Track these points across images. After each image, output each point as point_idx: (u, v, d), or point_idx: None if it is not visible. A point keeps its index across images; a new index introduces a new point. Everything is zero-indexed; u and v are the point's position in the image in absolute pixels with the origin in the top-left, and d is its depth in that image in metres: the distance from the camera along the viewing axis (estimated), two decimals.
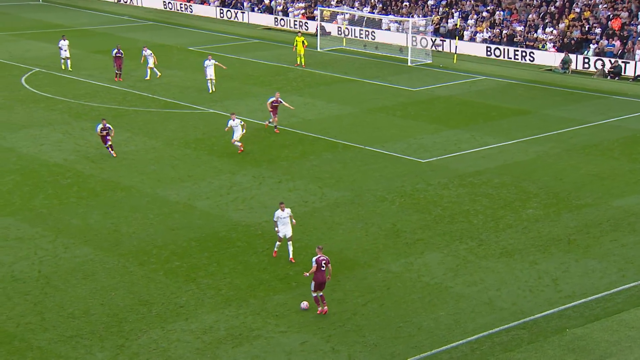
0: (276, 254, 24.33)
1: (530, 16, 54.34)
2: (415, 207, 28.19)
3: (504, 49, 52.73)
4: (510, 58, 52.30)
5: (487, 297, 22.13)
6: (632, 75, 47.31)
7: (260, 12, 66.48)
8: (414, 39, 53.03)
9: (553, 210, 27.87)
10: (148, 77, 45.89)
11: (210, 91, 42.80)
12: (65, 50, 47.73)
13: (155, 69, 46.29)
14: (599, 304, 21.73)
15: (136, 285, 22.77)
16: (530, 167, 32.24)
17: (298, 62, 49.59)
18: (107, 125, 32.88)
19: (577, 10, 53.35)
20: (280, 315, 21.20)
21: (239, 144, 33.46)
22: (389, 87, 44.40)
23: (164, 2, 72.47)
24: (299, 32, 54.10)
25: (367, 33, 57.98)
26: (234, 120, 33.42)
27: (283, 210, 23.92)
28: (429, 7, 59.07)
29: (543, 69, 49.91)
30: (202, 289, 22.57)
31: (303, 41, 49.72)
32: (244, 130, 33.44)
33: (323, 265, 21.01)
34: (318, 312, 21.23)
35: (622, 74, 47.55)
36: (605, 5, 52.62)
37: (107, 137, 32.81)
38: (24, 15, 68.01)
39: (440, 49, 54.62)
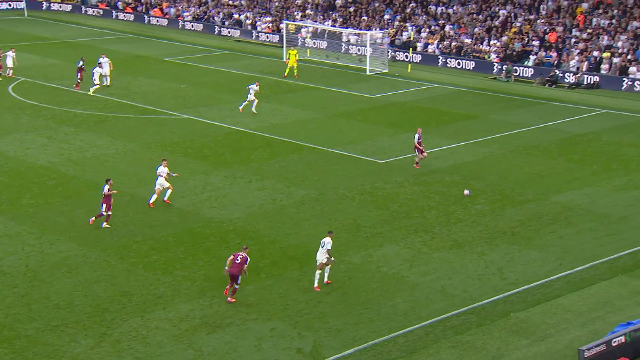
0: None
1: (476, 29, 54.77)
2: (374, 203, 28.23)
3: (454, 59, 53.05)
4: (459, 67, 52.65)
5: (440, 285, 22.23)
6: (568, 83, 47.92)
7: (231, 27, 66.13)
8: (371, 50, 53.13)
9: (498, 206, 28.09)
10: (102, 84, 44.71)
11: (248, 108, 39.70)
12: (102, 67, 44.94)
13: (108, 77, 45.16)
14: (539, 290, 21.96)
15: (117, 277, 22.50)
16: (478, 166, 32.46)
17: (286, 74, 49.02)
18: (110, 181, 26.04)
19: (518, 24, 53.90)
20: (251, 304, 21.09)
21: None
22: (350, 94, 44.46)
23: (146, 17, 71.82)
24: (292, 46, 53.73)
25: (329, 44, 58.01)
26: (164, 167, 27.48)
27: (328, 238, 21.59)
28: (385, 21, 59.26)
29: (488, 78, 50.31)
30: (178, 280, 22.37)
31: (296, 54, 49.46)
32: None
33: (238, 259, 20.83)
34: (227, 300, 20.96)
35: (559, 82, 48.15)
36: (542, 20, 53.24)
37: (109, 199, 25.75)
38: (11, 29, 66.81)
39: (396, 59, 54.78)
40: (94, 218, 26.05)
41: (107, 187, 25.72)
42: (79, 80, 44.97)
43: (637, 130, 37.85)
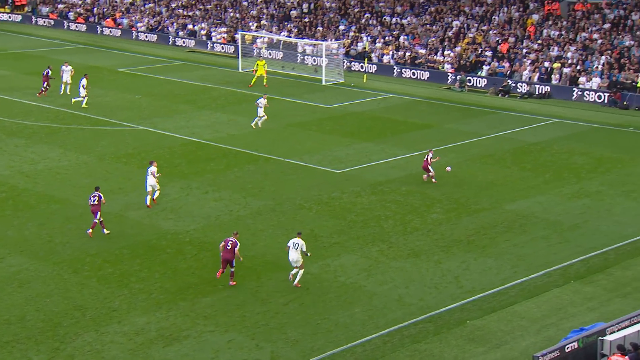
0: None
1: (430, 40, 55.43)
2: (331, 213, 28.29)
3: (408, 69, 53.59)
4: (414, 78, 53.19)
5: (397, 294, 22.36)
6: (520, 93, 48.77)
7: (185, 37, 65.81)
8: (327, 60, 53.38)
9: (454, 215, 28.39)
10: (62, 93, 44.68)
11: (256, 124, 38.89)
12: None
13: (69, 85, 44.88)
14: (495, 298, 22.23)
15: (70, 291, 22.13)
16: (434, 175, 32.73)
17: (252, 84, 48.81)
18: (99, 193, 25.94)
19: (471, 35, 54.72)
20: (208, 316, 20.93)
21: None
22: (306, 105, 44.55)
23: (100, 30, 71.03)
24: (260, 56, 53.53)
25: (285, 55, 58.11)
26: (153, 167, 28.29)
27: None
28: (340, 32, 59.62)
29: (443, 88, 50.91)
30: (134, 293, 22.09)
31: (265, 64, 49.35)
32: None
33: (229, 245, 22.07)
34: (230, 284, 22.41)
35: (511, 92, 48.97)
36: (495, 31, 54.15)
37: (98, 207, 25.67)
38: None
39: (351, 69, 55.13)
40: (90, 230, 25.72)
41: (99, 197, 25.56)
42: (43, 88, 44.68)
43: (587, 139, 38.69)
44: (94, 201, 25.74)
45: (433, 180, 31.49)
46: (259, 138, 37.90)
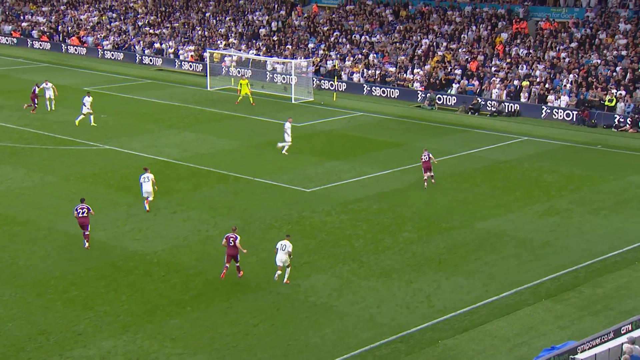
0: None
1: (399, 58, 55.95)
2: (302, 233, 28.27)
3: (378, 87, 53.99)
4: (384, 96, 53.57)
5: (369, 314, 22.36)
6: (490, 111, 49.34)
7: (152, 55, 65.65)
8: (296, 78, 53.58)
9: (425, 233, 28.52)
10: (49, 110, 45.74)
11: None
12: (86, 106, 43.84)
13: (53, 101, 45.76)
14: (466, 317, 22.32)
15: (34, 315, 21.78)
16: (405, 194, 32.93)
17: (238, 102, 48.82)
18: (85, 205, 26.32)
19: (440, 53, 55.34)
20: (177, 339, 20.74)
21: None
22: (275, 123, 44.55)
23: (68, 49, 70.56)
24: (243, 75, 53.49)
25: (254, 73, 58.21)
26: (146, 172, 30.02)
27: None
28: (310, 50, 59.91)
29: (413, 106, 51.32)
30: (99, 316, 21.82)
31: (247, 83, 49.32)
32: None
33: (231, 241, 23.85)
34: (238, 275, 24.14)
35: (481, 110, 49.53)
36: (464, 49, 54.84)
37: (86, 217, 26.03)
38: None
39: (321, 87, 55.40)
40: (87, 243, 26.28)
41: (88, 210, 26.19)
42: (34, 105, 45.60)
43: (556, 157, 39.21)
44: (82, 213, 26.02)
45: (432, 180, 32.45)
46: (228, 157, 37.83)
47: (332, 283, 24.24)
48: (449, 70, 53.51)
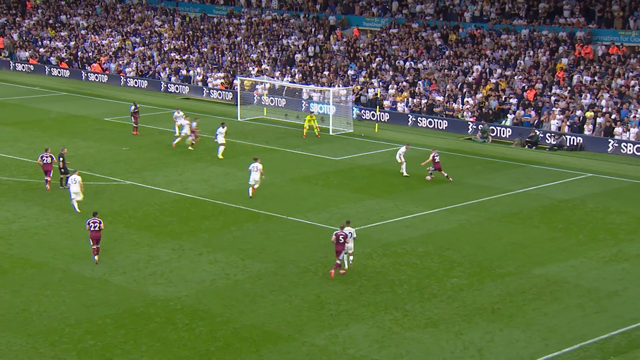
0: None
1: (448, 86, 56.06)
2: (339, 277, 28.24)
3: (425, 118, 54.08)
4: (430, 127, 53.62)
5: None
6: (549, 144, 49.04)
7: (179, 83, 66.73)
8: (335, 108, 53.96)
9: (477, 279, 28.31)
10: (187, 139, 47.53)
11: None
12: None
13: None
14: None
15: None
16: (454, 235, 32.78)
17: (305, 135, 49.80)
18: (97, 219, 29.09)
19: (494, 81, 55.33)
20: None
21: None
22: (311, 157, 44.82)
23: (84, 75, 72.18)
24: (311, 112, 54.26)
25: (288, 102, 58.78)
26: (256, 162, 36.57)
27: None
28: (350, 77, 60.36)
29: (463, 138, 51.25)
30: None
31: (314, 119, 50.36)
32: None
33: (341, 239, 27.22)
34: (341, 272, 27.93)
35: (539, 143, 49.26)
36: (520, 77, 54.76)
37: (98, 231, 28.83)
38: None
39: (362, 118, 55.69)
40: (96, 257, 28.83)
41: (100, 223, 28.75)
42: (133, 125, 49.50)
43: (625, 196, 38.74)
44: (94, 227, 28.64)
45: (449, 179, 36.85)
46: (259, 194, 38.10)
47: (372, 334, 24.12)
48: (503, 99, 53.42)
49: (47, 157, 37.08)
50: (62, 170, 38.10)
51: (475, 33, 60.46)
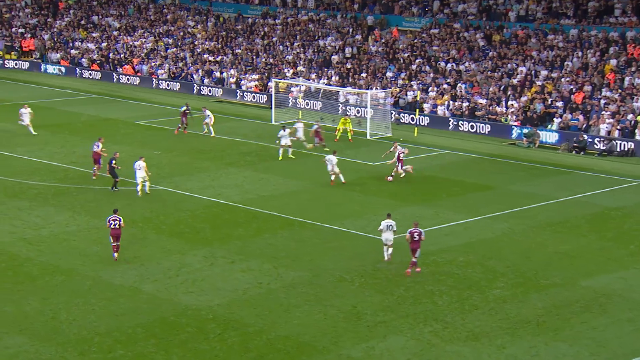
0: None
1: (491, 89, 55.73)
2: (377, 287, 28.20)
3: (466, 122, 53.83)
4: (472, 131, 53.36)
5: None
6: (598, 150, 48.51)
7: (212, 85, 67.20)
8: (372, 111, 53.92)
9: (521, 291, 28.09)
10: (208, 134, 50.73)
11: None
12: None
13: (210, 127, 50.84)
14: None
15: None
16: (496, 244, 32.57)
17: (338, 138, 50.12)
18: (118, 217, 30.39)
19: (539, 83, 54.90)
20: None
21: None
22: (348, 162, 44.82)
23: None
24: (347, 114, 54.55)
25: (324, 105, 58.85)
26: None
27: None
28: (388, 79, 60.30)
29: (506, 143, 50.92)
30: None
31: (349, 122, 50.63)
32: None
33: (415, 236, 28.63)
34: (406, 271, 29.04)
35: (587, 148, 48.75)
36: (567, 79, 54.26)
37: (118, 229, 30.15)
38: None
39: (400, 122, 55.59)
40: (116, 254, 30.07)
41: (120, 221, 29.92)
42: (184, 126, 50.90)
43: None
44: (114, 225, 29.78)
45: (411, 171, 40.42)
46: (293, 199, 38.20)
47: (411, 346, 24.05)
48: (549, 102, 52.99)
49: (97, 145, 39.87)
50: (112, 174, 38.78)
51: (520, 33, 60.06)
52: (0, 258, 30.63)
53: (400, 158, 40.93)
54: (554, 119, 51.65)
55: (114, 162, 38.81)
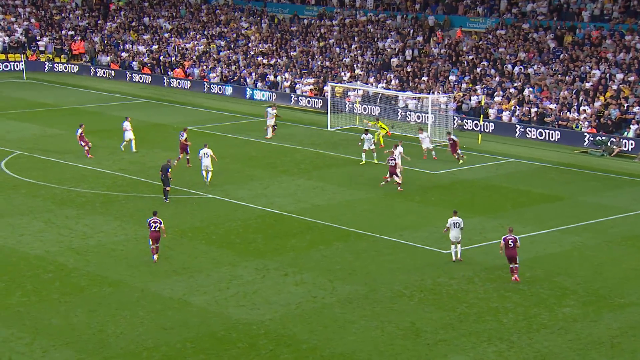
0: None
1: (562, 94, 55.08)
2: (437, 303, 28.03)
3: (534, 128, 53.26)
4: (541, 139, 52.76)
5: None
6: None
7: (265, 89, 67.62)
8: (434, 117, 53.67)
9: (593, 309, 27.66)
10: (269, 135, 52.42)
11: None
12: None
13: (273, 128, 52.56)
14: None
15: None
16: (566, 259, 32.15)
17: (382, 142, 50.26)
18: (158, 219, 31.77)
19: (615, 87, 54.06)
20: None
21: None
22: (407, 170, 44.65)
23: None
24: (377, 118, 54.81)
25: (382, 111, 58.78)
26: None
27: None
28: (451, 83, 59.99)
29: (578, 151, 50.26)
30: None
31: (381, 125, 50.77)
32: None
33: (510, 243, 29.09)
34: (512, 280, 29.42)
35: None
36: None
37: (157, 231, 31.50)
38: (6, 94, 69.18)
39: (463, 128, 55.24)
40: (156, 256, 31.33)
41: (160, 224, 31.31)
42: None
43: None
44: (155, 228, 31.12)
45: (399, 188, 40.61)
46: (349, 210, 38.18)
47: None
48: (625, 108, 52.16)
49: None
50: (164, 181, 38.65)
51: (595, 34, 59.24)
52: (47, 268, 31.20)
53: (391, 164, 41.28)
54: (631, 126, 50.82)
55: (169, 170, 38.80)
